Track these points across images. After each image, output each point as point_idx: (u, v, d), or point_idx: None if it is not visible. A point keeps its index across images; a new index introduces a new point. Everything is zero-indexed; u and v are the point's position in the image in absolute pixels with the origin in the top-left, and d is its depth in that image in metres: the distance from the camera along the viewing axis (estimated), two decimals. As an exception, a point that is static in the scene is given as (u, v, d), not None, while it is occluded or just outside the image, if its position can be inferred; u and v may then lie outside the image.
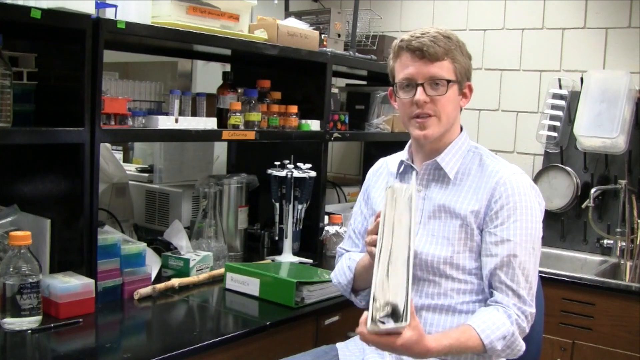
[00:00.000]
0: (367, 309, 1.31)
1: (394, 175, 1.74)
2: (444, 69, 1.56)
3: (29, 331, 1.59)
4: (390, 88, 1.66)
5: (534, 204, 1.56)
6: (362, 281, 1.71)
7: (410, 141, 1.72)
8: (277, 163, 2.42)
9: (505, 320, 1.48)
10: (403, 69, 1.58)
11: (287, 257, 2.40)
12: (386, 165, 1.80)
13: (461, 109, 1.67)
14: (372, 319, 1.27)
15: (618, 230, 2.82)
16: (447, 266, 1.57)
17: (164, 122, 2.00)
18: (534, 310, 1.53)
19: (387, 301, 1.28)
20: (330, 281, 1.97)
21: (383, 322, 1.27)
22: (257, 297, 1.99)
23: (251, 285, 2.00)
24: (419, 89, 1.55)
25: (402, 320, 1.27)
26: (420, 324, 1.37)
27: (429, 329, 1.58)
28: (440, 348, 1.40)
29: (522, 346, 1.51)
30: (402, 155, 1.73)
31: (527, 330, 1.53)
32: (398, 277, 1.32)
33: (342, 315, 2.04)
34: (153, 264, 2.05)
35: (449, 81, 1.56)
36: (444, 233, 1.58)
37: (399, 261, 1.34)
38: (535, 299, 1.58)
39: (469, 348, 1.46)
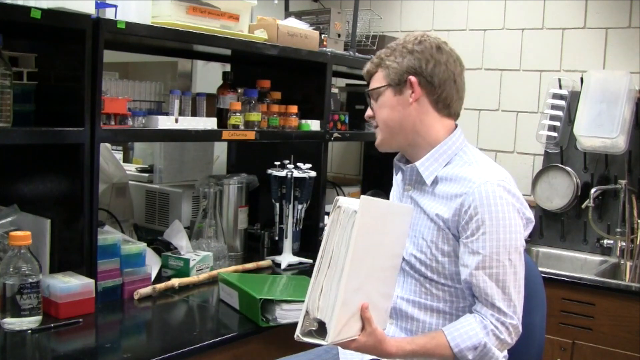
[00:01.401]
0: None
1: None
2: (375, 81, 1.64)
3: (29, 331, 1.59)
4: None
5: (508, 213, 1.47)
6: None
7: None
8: (277, 163, 2.42)
9: (479, 330, 1.45)
10: None
11: (287, 257, 2.40)
12: None
13: (437, 111, 1.60)
14: (301, 329, 1.38)
15: (618, 230, 2.82)
16: (428, 270, 1.56)
17: (164, 122, 2.00)
18: (515, 321, 1.47)
19: (316, 318, 1.37)
20: None
21: (309, 335, 1.38)
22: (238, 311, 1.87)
23: (233, 298, 1.89)
24: (369, 107, 1.68)
25: (324, 339, 1.35)
26: (378, 329, 1.40)
27: (421, 329, 1.58)
28: (402, 353, 1.43)
29: (496, 358, 1.47)
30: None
31: (512, 342, 1.48)
32: (330, 299, 1.36)
33: (342, 315, 2.03)
34: (153, 264, 2.05)
35: (376, 89, 1.62)
36: (424, 235, 1.58)
37: (333, 283, 1.36)
38: (537, 300, 1.58)
39: (436, 355, 1.46)
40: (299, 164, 2.41)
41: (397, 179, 1.75)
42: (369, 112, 1.68)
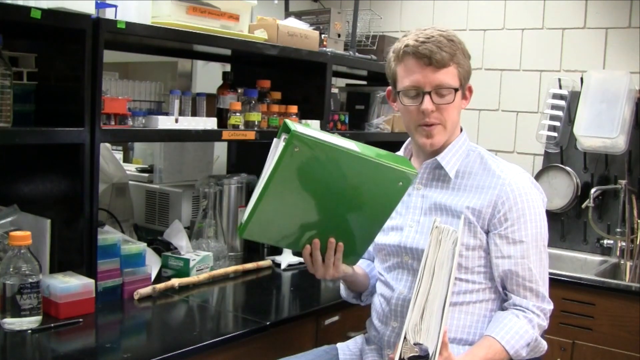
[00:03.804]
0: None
1: None
2: (449, 75, 1.53)
3: (29, 331, 1.59)
4: (389, 88, 1.64)
5: (539, 202, 1.57)
6: (358, 287, 1.75)
7: (407, 141, 1.71)
8: (277, 163, 2.41)
9: (527, 327, 1.49)
10: (408, 75, 1.54)
11: (287, 257, 2.40)
12: None
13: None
14: (400, 357, 1.31)
15: (618, 230, 2.82)
16: None
17: (164, 122, 2.00)
18: (552, 306, 1.56)
19: (417, 343, 1.32)
20: None
21: None
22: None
23: None
24: (426, 97, 1.53)
25: None
26: (452, 354, 1.37)
27: None
28: None
29: (544, 346, 1.54)
30: (400, 154, 1.72)
31: (546, 327, 1.55)
32: (432, 320, 1.34)
33: (342, 315, 2.04)
34: (153, 264, 2.05)
35: (455, 89, 1.54)
36: None
37: (435, 304, 1.35)
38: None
39: None
40: (299, 164, 2.41)
41: None
42: (431, 106, 1.53)
